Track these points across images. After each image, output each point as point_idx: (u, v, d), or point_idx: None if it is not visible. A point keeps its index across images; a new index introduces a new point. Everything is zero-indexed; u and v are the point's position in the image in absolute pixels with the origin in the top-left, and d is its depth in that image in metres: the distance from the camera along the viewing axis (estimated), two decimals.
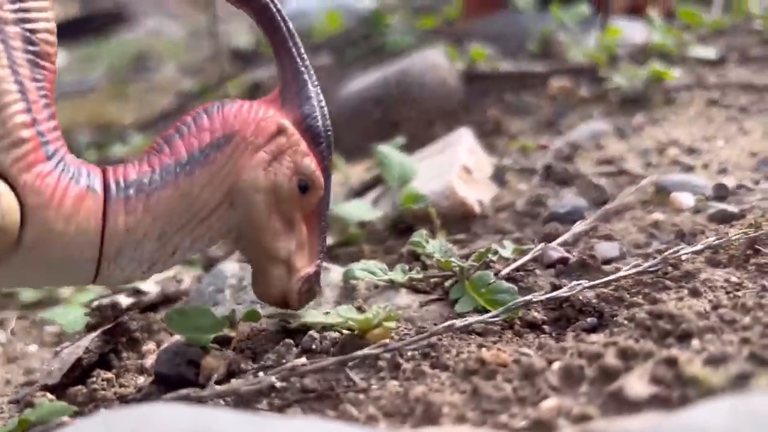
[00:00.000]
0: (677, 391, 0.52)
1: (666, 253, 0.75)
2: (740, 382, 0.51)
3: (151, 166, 0.66)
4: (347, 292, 0.86)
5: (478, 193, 1.12)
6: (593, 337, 0.65)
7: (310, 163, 0.70)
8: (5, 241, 0.57)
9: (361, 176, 1.36)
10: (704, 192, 0.95)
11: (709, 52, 1.65)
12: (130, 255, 0.65)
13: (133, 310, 0.90)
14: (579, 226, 0.91)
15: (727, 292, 0.68)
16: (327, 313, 0.76)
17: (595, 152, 1.24)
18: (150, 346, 0.86)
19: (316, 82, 0.72)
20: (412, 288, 0.84)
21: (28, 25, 0.60)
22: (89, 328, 0.92)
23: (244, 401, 0.65)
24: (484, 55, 1.63)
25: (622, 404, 0.53)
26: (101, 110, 2.43)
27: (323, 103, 0.72)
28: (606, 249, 0.82)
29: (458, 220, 1.07)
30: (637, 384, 0.53)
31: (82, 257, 0.63)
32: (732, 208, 0.87)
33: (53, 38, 0.63)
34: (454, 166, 1.14)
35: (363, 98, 1.60)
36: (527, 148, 1.34)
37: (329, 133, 0.72)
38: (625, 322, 0.65)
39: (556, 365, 0.60)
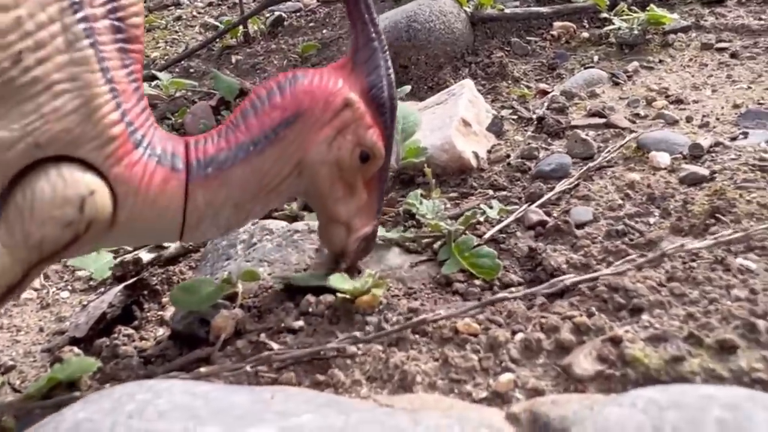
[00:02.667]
0: (619, 370, 0.55)
1: (633, 223, 0.77)
2: (675, 363, 0.54)
3: (228, 143, 0.69)
4: None
5: (476, 146, 1.14)
6: (557, 305, 0.68)
7: (372, 135, 0.72)
8: (101, 228, 0.62)
9: None
10: (681, 151, 0.96)
11: None
12: (209, 222, 0.69)
13: (154, 265, 0.95)
14: (561, 185, 0.93)
15: (684, 263, 0.70)
16: (325, 275, 0.80)
17: (588, 101, 1.24)
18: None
19: (385, 49, 0.74)
20: (405, 248, 0.87)
21: (117, 14, 0.62)
22: (116, 278, 0.97)
23: (246, 362, 0.70)
24: None
25: (570, 380, 0.57)
26: None
27: (390, 71, 0.73)
28: (580, 213, 0.84)
29: (456, 173, 1.09)
30: (584, 361, 0.57)
31: (167, 228, 0.68)
32: (703, 170, 0.88)
33: (140, 19, 0.64)
34: (453, 119, 1.15)
35: None
36: (527, 95, 1.34)
37: (394, 101, 0.74)
38: (587, 291, 0.68)
39: (518, 337, 0.63)
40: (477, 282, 0.78)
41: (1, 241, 0.58)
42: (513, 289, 0.75)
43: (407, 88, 1.39)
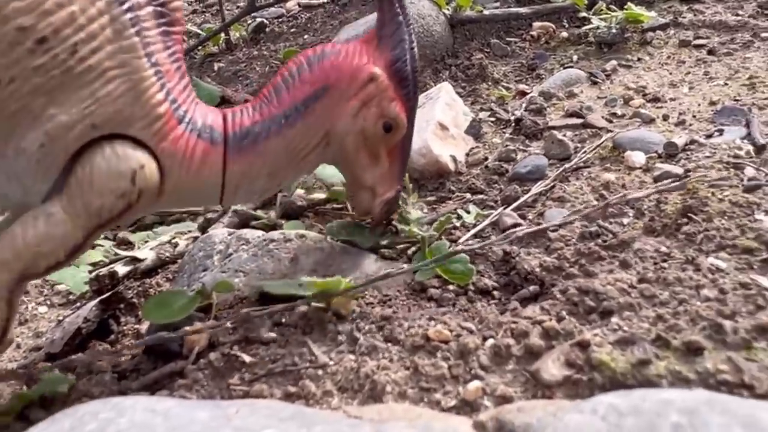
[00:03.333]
0: (587, 374, 0.55)
1: (607, 224, 0.77)
2: (641, 367, 0.54)
3: (262, 116, 0.75)
4: (323, 258, 0.89)
5: (453, 149, 1.13)
6: (528, 310, 0.68)
7: (395, 107, 0.77)
8: (150, 197, 0.68)
9: None
10: (657, 149, 0.96)
11: None
12: (246, 189, 0.76)
13: (130, 278, 0.94)
14: (537, 188, 0.93)
15: (655, 263, 0.70)
16: (299, 284, 0.80)
17: (566, 101, 1.24)
18: None
19: (410, 23, 0.78)
20: (381, 255, 0.86)
21: (159, 0, 0.67)
22: (94, 291, 0.96)
23: (219, 374, 0.70)
24: (470, 1, 1.60)
25: (539, 386, 0.56)
26: None
27: (414, 45, 0.79)
28: (554, 215, 0.84)
29: (433, 177, 1.08)
30: (552, 366, 0.56)
31: (208, 195, 0.75)
32: (677, 169, 0.88)
33: (180, 2, 0.70)
34: (430, 123, 1.15)
35: None
36: (505, 97, 1.34)
37: (416, 74, 0.79)
38: (559, 295, 0.68)
39: (488, 343, 0.63)
40: (451, 287, 0.77)
41: (64, 210, 0.65)
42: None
43: None
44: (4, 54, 0.60)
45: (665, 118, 1.09)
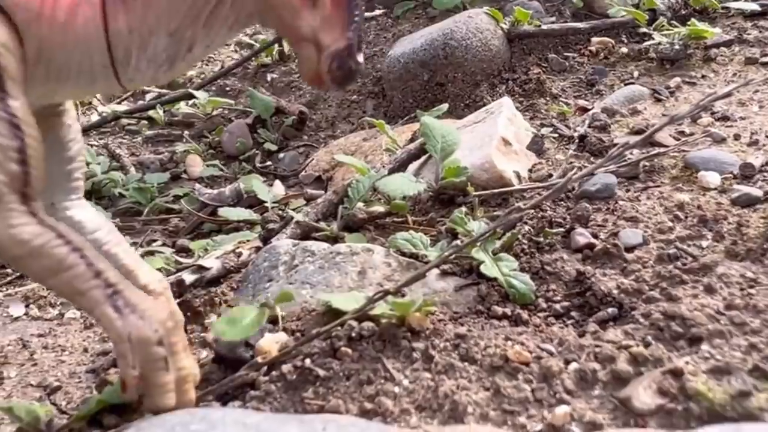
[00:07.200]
0: (682, 404, 0.53)
1: (685, 246, 0.74)
2: (741, 399, 0.52)
3: None
4: (390, 272, 0.88)
5: (516, 165, 1.12)
6: (610, 333, 0.66)
7: None
8: (14, 62, 0.57)
9: (408, 141, 1.36)
10: (731, 170, 0.93)
11: (750, 4, 1.57)
12: (143, 55, 0.62)
13: (197, 287, 0.94)
14: (607, 206, 0.91)
15: (741, 289, 0.68)
16: (371, 298, 0.78)
17: (630, 118, 1.22)
18: (212, 319, 0.90)
19: None
20: (444, 271, 0.85)
21: None
22: None
23: (292, 387, 0.69)
24: (528, 15, 1.59)
25: (630, 413, 0.54)
26: None
27: None
28: (629, 236, 0.82)
29: (496, 192, 1.07)
30: (643, 394, 0.55)
31: (93, 63, 0.62)
32: (756, 191, 0.86)
33: None
34: (493, 138, 1.14)
35: (411, 61, 1.58)
36: (566, 113, 1.32)
37: None
38: (641, 319, 0.66)
39: (572, 366, 0.61)
40: (526, 307, 0.76)
41: None
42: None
43: (444, 106, 1.38)
44: None
45: (736, 137, 1.06)
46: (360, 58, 0.64)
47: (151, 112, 1.91)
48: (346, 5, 0.63)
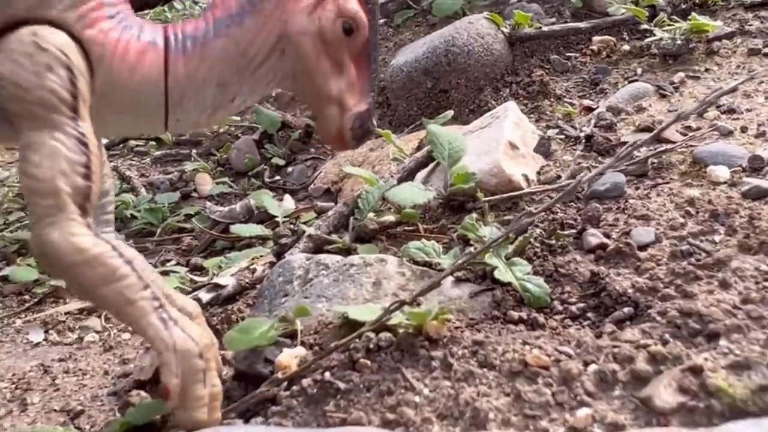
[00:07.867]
0: (703, 401, 0.53)
1: (698, 242, 0.74)
2: (762, 394, 0.52)
3: (206, 21, 0.71)
4: (404, 282, 0.88)
5: (524, 168, 1.12)
6: (627, 333, 0.66)
7: (353, 4, 0.72)
8: (86, 86, 0.64)
9: (414, 149, 1.36)
10: (740, 163, 0.93)
11: None
12: (194, 100, 0.70)
13: (213, 305, 0.95)
14: (618, 205, 0.91)
15: (757, 282, 0.68)
16: (387, 309, 0.79)
17: (636, 116, 1.22)
18: None
19: None
20: (458, 278, 0.85)
21: None
22: None
23: (314, 401, 0.69)
24: (528, 18, 1.59)
25: (651, 413, 0.54)
26: None
27: None
28: (641, 234, 0.82)
29: (506, 197, 1.07)
30: (664, 393, 0.55)
31: (150, 102, 0.69)
32: (766, 183, 0.86)
33: None
34: (500, 142, 1.14)
35: (413, 69, 1.59)
36: (572, 113, 1.32)
37: None
38: (658, 317, 0.66)
39: (591, 368, 0.61)
40: (542, 310, 0.76)
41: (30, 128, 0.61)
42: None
43: (449, 113, 1.39)
44: None
45: (743, 130, 1.06)
46: (375, 120, 0.75)
47: None
48: (367, 74, 0.73)
